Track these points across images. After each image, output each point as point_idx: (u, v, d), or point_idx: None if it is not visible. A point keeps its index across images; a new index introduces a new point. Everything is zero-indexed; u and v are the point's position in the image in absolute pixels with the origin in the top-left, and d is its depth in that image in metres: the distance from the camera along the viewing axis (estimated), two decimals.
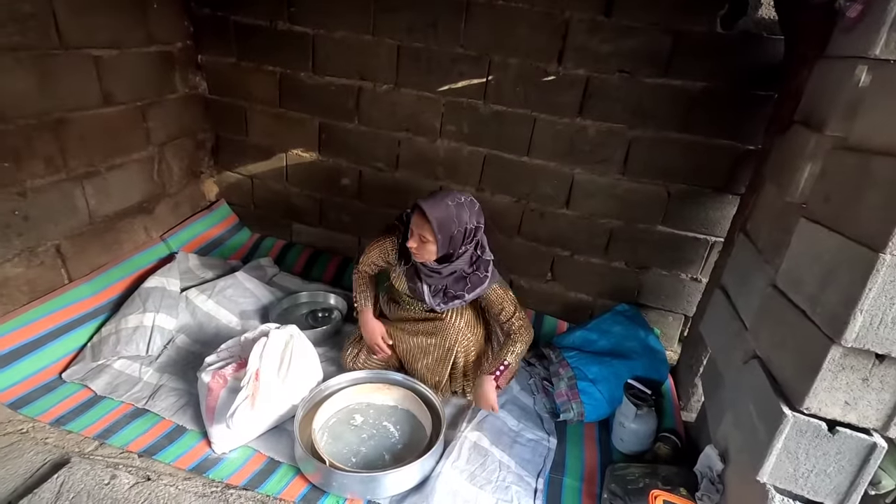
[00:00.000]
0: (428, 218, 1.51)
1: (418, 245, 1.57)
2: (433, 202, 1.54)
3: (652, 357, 1.99)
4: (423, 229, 1.55)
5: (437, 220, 1.51)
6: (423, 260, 1.62)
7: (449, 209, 1.54)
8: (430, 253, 1.58)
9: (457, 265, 1.63)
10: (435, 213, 1.51)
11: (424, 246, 1.57)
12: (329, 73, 2.26)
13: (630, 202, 2.11)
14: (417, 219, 1.56)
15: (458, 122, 2.18)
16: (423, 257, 1.61)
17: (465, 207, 1.58)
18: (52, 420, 1.56)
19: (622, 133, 2.01)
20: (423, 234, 1.55)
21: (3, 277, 1.66)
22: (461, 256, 1.62)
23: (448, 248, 1.58)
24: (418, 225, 1.56)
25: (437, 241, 1.54)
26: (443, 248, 1.56)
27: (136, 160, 2.13)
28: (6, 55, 1.55)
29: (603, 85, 1.95)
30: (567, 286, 2.35)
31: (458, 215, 1.55)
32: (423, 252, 1.59)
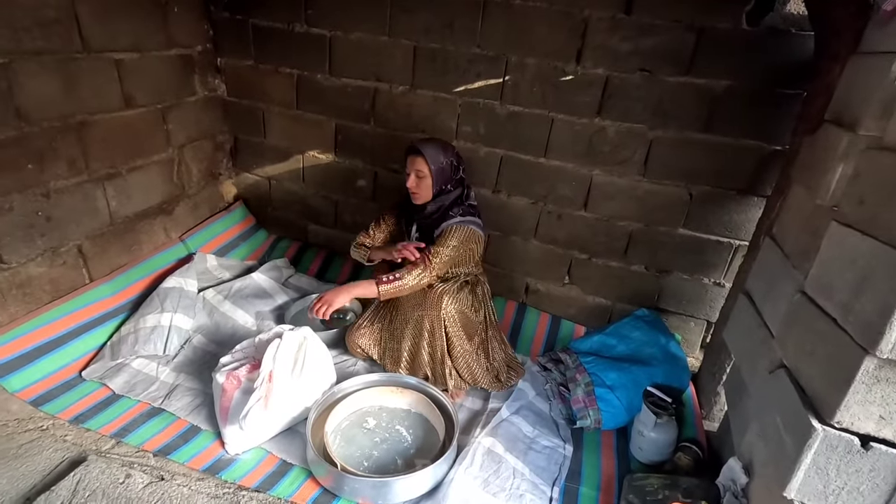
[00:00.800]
0: (421, 151, 1.73)
1: (416, 183, 1.77)
2: (422, 141, 1.79)
3: (673, 364, 1.93)
4: (417, 164, 1.76)
5: (430, 153, 1.74)
6: (422, 200, 1.81)
7: (437, 145, 1.80)
8: (427, 188, 1.78)
9: (443, 200, 1.81)
10: (426, 147, 1.75)
11: (422, 182, 1.77)
12: (345, 74, 2.26)
13: (650, 204, 2.05)
14: (412, 158, 1.77)
15: (475, 123, 2.16)
16: (422, 195, 1.80)
17: (449, 148, 1.84)
18: (72, 418, 1.59)
19: (642, 133, 1.96)
20: (420, 169, 1.76)
21: (26, 277, 1.70)
22: (449, 193, 1.81)
23: (441, 181, 1.78)
24: (413, 162, 1.77)
25: (432, 173, 1.74)
26: (437, 182, 1.77)
27: (157, 162, 2.16)
28: (31, 59, 1.59)
29: (623, 84, 1.91)
30: (585, 290, 2.31)
31: (444, 151, 1.79)
32: (421, 188, 1.78)
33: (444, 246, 1.76)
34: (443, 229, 1.78)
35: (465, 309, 1.80)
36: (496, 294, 2.42)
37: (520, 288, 2.42)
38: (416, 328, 1.80)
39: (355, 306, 2.29)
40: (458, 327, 1.78)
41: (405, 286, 1.73)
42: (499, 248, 2.36)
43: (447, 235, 1.77)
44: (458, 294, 1.79)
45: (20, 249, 1.67)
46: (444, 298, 1.74)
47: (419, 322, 1.78)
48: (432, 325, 1.77)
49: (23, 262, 1.68)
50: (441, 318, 1.74)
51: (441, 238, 1.77)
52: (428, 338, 1.79)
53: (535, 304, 2.41)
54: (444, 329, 1.76)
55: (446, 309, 1.74)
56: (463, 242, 1.78)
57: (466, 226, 1.79)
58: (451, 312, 1.75)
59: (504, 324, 2.33)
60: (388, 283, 1.72)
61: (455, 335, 1.77)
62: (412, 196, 1.82)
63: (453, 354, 1.80)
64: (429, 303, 1.76)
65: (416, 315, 1.78)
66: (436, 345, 1.79)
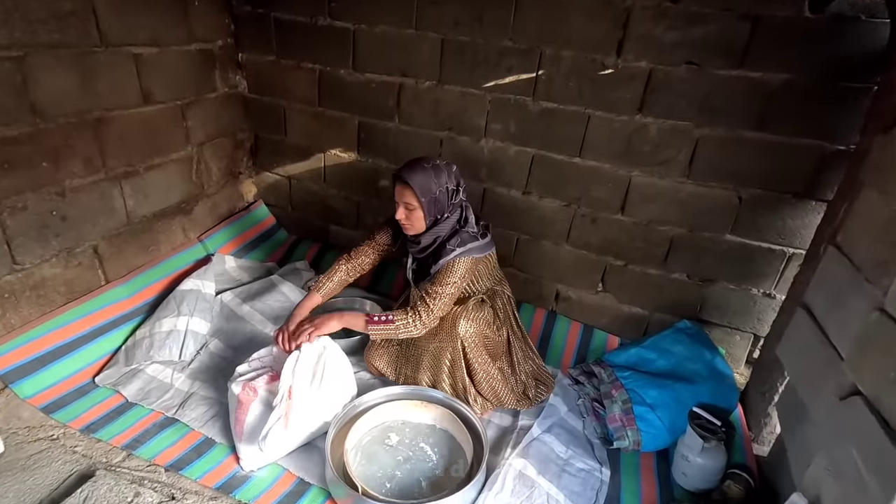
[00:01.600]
0: (408, 183, 1.51)
1: (406, 215, 1.57)
2: (410, 168, 1.55)
3: (719, 382, 1.78)
4: (406, 196, 1.54)
5: (418, 184, 1.51)
6: (414, 231, 1.61)
7: (427, 171, 1.54)
8: (419, 220, 1.57)
9: (439, 230, 1.60)
10: (414, 176, 1.52)
11: (412, 214, 1.56)
12: (369, 69, 2.16)
13: (695, 208, 1.90)
14: (399, 188, 1.55)
15: (505, 121, 2.04)
16: (415, 227, 1.59)
17: (442, 169, 1.57)
18: (83, 427, 1.52)
19: (688, 132, 1.81)
20: (408, 202, 1.54)
21: (40, 278, 1.64)
22: (446, 221, 1.60)
23: (435, 212, 1.57)
24: (401, 193, 1.55)
25: (423, 205, 1.53)
26: (430, 214, 1.56)
27: (175, 160, 2.10)
28: (47, 53, 1.53)
29: (667, 78, 1.77)
30: (620, 298, 2.17)
31: (436, 176, 1.54)
32: (412, 221, 1.58)
33: (442, 285, 1.55)
34: (440, 266, 1.58)
35: (486, 329, 1.67)
36: (523, 301, 2.30)
37: (549, 295, 2.29)
38: (433, 360, 1.68)
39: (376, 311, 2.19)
40: (480, 351, 1.65)
41: (396, 332, 1.56)
42: (527, 253, 2.23)
43: (445, 273, 1.57)
44: (477, 313, 1.65)
45: (34, 250, 1.61)
46: (460, 322, 1.60)
47: (437, 355, 1.66)
48: (452, 357, 1.64)
49: (37, 262, 1.63)
50: (459, 347, 1.62)
51: (439, 276, 1.57)
52: (448, 370, 1.68)
53: (566, 312, 2.28)
54: (465, 356, 1.64)
55: (464, 334, 1.61)
56: (464, 276, 1.60)
57: (464, 258, 1.58)
58: (469, 336, 1.61)
59: (532, 333, 2.20)
60: (377, 323, 1.55)
61: (476, 360, 1.65)
62: (403, 228, 1.63)
63: (476, 380, 1.68)
64: (444, 331, 1.62)
65: (432, 346, 1.66)
66: (456, 375, 1.67)
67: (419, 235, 1.61)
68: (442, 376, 1.68)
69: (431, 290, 1.57)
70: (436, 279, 1.59)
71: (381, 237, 1.78)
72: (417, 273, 1.71)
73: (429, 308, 1.56)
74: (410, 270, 1.71)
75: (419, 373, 1.72)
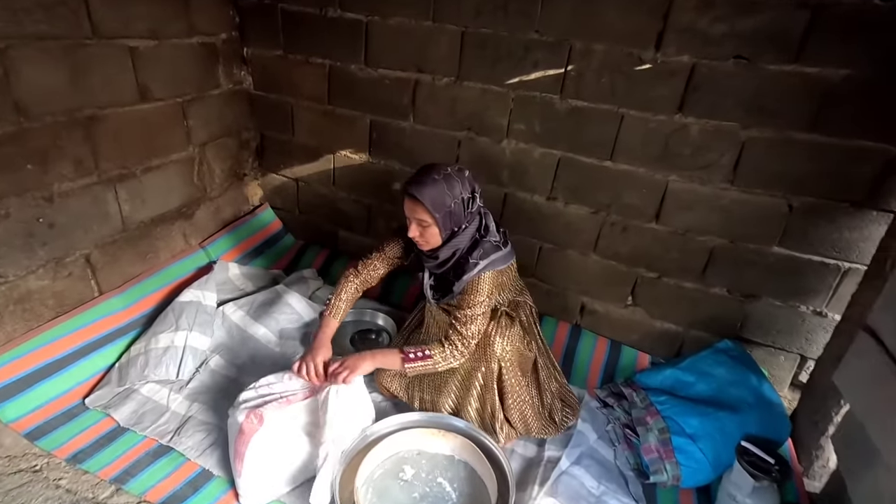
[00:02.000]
0: (419, 199, 1.35)
1: (420, 232, 1.42)
2: (419, 182, 1.38)
3: (768, 410, 1.61)
4: (418, 213, 1.39)
5: (430, 198, 1.36)
6: (430, 248, 1.46)
7: (438, 183, 1.37)
8: (435, 236, 1.43)
9: (458, 243, 1.45)
10: (425, 191, 1.36)
11: (427, 231, 1.42)
12: (383, 65, 2.01)
13: (738, 217, 1.73)
14: (409, 204, 1.40)
15: (529, 120, 1.88)
16: (430, 243, 1.45)
17: (455, 178, 1.40)
18: (69, 456, 1.39)
19: (733, 133, 1.64)
20: (421, 219, 1.39)
21: (25, 291, 1.51)
22: (464, 232, 1.44)
23: (451, 225, 1.42)
24: (412, 210, 1.40)
25: (437, 221, 1.38)
26: (445, 228, 1.41)
27: (175, 161, 1.96)
28: (31, 45, 1.40)
29: (712, 74, 1.60)
30: (651, 313, 2.00)
31: (449, 188, 1.38)
32: (427, 238, 1.43)
33: (471, 306, 1.42)
34: (464, 284, 1.45)
35: (520, 344, 1.52)
36: (545, 314, 2.15)
37: (574, 308, 2.13)
38: (462, 383, 1.54)
39: (389, 325, 2.05)
40: (515, 371, 1.50)
41: (436, 367, 1.44)
42: (551, 263, 2.08)
43: (471, 293, 1.43)
44: (511, 329, 1.49)
45: (18, 261, 1.48)
46: (496, 341, 1.45)
47: (469, 376, 1.52)
48: (484, 380, 1.50)
49: (21, 274, 1.49)
50: (494, 367, 1.47)
51: (465, 297, 1.43)
52: (478, 393, 1.53)
53: (592, 326, 2.12)
54: (500, 377, 1.49)
55: (501, 353, 1.46)
56: (491, 292, 1.46)
57: (490, 271, 1.44)
58: (507, 356, 1.47)
59: (555, 349, 2.04)
60: (415, 361, 1.42)
61: (510, 381, 1.50)
62: (417, 244, 1.47)
63: (506, 404, 1.53)
64: (478, 351, 1.47)
65: (462, 368, 1.51)
66: (486, 399, 1.52)
67: (436, 250, 1.46)
68: (469, 400, 1.53)
69: (461, 314, 1.43)
70: (463, 301, 1.44)
71: (392, 249, 1.62)
72: (436, 289, 1.56)
73: (462, 336, 1.42)
74: (429, 287, 1.56)
75: (441, 397, 1.57)
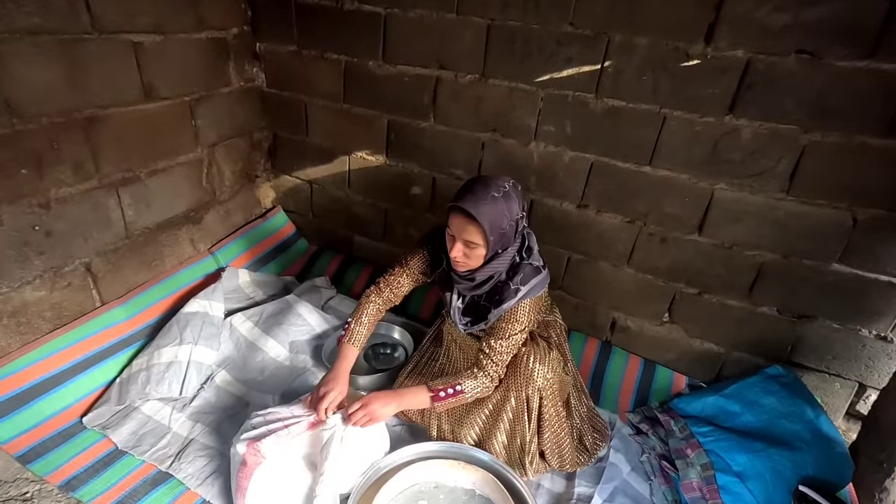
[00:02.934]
0: (476, 220, 1.18)
1: (465, 253, 1.25)
2: (476, 199, 1.20)
3: (826, 449, 1.45)
4: (469, 233, 1.21)
5: (489, 220, 1.19)
6: (468, 269, 1.30)
7: (498, 203, 1.21)
8: (479, 259, 1.27)
9: (498, 265, 1.29)
10: (483, 211, 1.18)
11: (473, 252, 1.25)
12: (402, 61, 1.87)
13: (794, 230, 1.56)
14: (460, 222, 1.22)
15: (560, 122, 1.72)
16: (471, 265, 1.28)
17: (513, 197, 1.25)
18: (62, 482, 1.29)
19: (792, 137, 1.47)
20: (471, 240, 1.22)
21: (20, 303, 1.42)
22: (505, 254, 1.29)
23: (499, 246, 1.27)
24: (462, 229, 1.22)
25: (489, 244, 1.22)
26: (493, 249, 1.26)
27: (183, 164, 1.86)
28: (23, 40, 1.29)
29: (770, 71, 1.42)
30: (690, 332, 1.84)
31: (508, 208, 1.23)
32: (471, 259, 1.27)
33: (506, 337, 1.29)
34: (502, 313, 1.30)
35: (560, 370, 1.38)
36: (573, 328, 2.00)
37: (604, 324, 1.97)
38: (492, 415, 1.40)
39: (406, 340, 1.92)
40: (556, 399, 1.36)
41: (466, 400, 1.33)
42: (580, 275, 1.92)
43: (510, 321, 1.29)
44: (550, 355, 1.35)
45: (12, 271, 1.39)
46: (537, 369, 1.31)
47: (499, 408, 1.38)
48: (518, 410, 1.36)
49: (16, 285, 1.40)
50: (535, 398, 1.33)
51: (501, 326, 1.30)
52: (508, 427, 1.39)
53: (624, 344, 1.96)
54: (539, 407, 1.35)
55: (543, 384, 1.32)
56: (530, 320, 1.32)
57: (530, 297, 1.30)
58: (549, 384, 1.33)
59: (583, 367, 1.90)
60: (445, 399, 1.31)
61: (550, 412, 1.36)
62: (454, 264, 1.31)
63: (543, 437, 1.39)
64: (518, 375, 1.33)
65: (496, 395, 1.38)
66: (516, 431, 1.39)
67: (474, 271, 1.30)
68: (496, 433, 1.40)
69: (497, 344, 1.29)
70: (498, 330, 1.30)
71: (417, 263, 1.46)
72: (467, 314, 1.41)
73: (497, 366, 1.31)
74: (457, 310, 1.41)
75: (463, 428, 1.44)
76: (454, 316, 1.41)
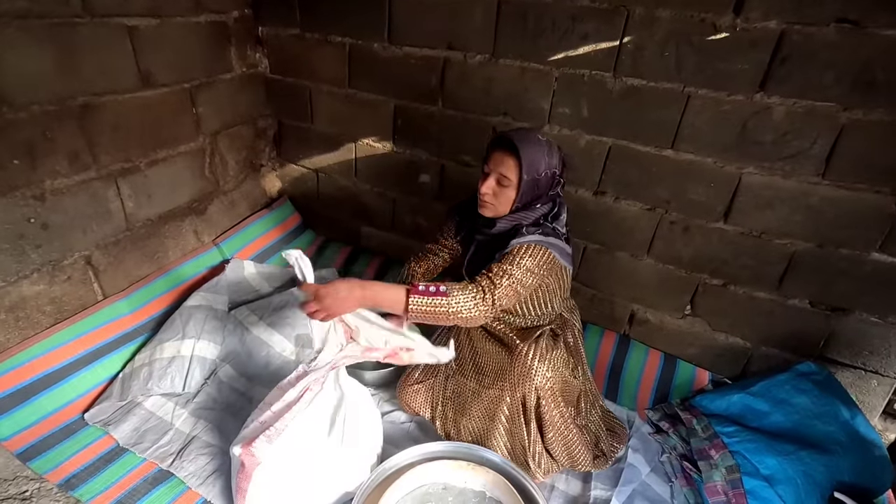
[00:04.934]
0: (518, 152, 1.17)
1: (494, 191, 1.23)
2: (522, 136, 1.20)
3: (863, 453, 1.35)
4: (506, 167, 1.20)
5: (529, 156, 1.18)
6: (492, 214, 1.27)
7: (541, 146, 1.21)
8: (507, 202, 1.24)
9: (522, 218, 1.26)
10: (526, 146, 1.18)
11: (503, 191, 1.22)
12: (408, 41, 1.78)
13: (830, 216, 1.45)
14: (501, 156, 1.21)
15: (576, 103, 1.62)
16: (497, 209, 1.25)
17: (555, 148, 1.26)
18: (62, 480, 1.27)
19: (830, 115, 1.35)
20: (505, 175, 1.20)
21: (18, 298, 1.39)
22: (533, 210, 1.26)
23: (529, 197, 1.24)
24: (500, 162, 1.21)
25: (521, 185, 1.20)
26: (522, 197, 1.23)
27: (184, 153, 1.81)
28: (11, 25, 1.23)
29: (807, 43, 1.30)
30: (714, 325, 1.74)
31: (549, 154, 1.22)
32: (498, 200, 1.24)
33: (510, 264, 1.18)
34: (511, 247, 1.22)
35: (564, 370, 1.30)
36: (588, 321, 1.91)
37: (622, 316, 1.88)
38: (487, 410, 1.33)
39: None
40: (558, 401, 1.28)
41: (447, 311, 1.13)
42: (597, 265, 1.83)
43: (517, 254, 1.19)
44: (553, 353, 1.27)
45: (8, 265, 1.35)
46: (535, 366, 1.23)
47: (493, 405, 1.31)
48: (514, 410, 1.28)
49: (12, 280, 1.37)
50: (531, 398, 1.25)
51: (508, 257, 1.20)
52: (507, 422, 1.32)
53: (643, 337, 1.87)
54: (537, 409, 1.27)
55: (542, 383, 1.24)
56: (539, 268, 1.20)
57: (544, 248, 1.21)
58: (549, 384, 1.25)
59: (599, 361, 1.82)
60: (423, 295, 1.11)
61: (551, 413, 1.28)
62: (481, 205, 1.26)
63: (547, 437, 1.31)
64: (513, 375, 1.25)
65: (490, 392, 1.31)
66: (514, 433, 1.32)
67: (496, 219, 1.26)
68: (495, 433, 1.33)
69: (497, 267, 1.19)
70: (503, 258, 1.21)
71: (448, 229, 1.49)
72: (475, 262, 1.34)
73: (493, 284, 1.16)
74: (467, 261, 1.36)
75: (463, 418, 1.38)
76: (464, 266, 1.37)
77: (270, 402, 1.25)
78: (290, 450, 1.17)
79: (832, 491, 1.27)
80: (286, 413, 1.16)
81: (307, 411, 1.18)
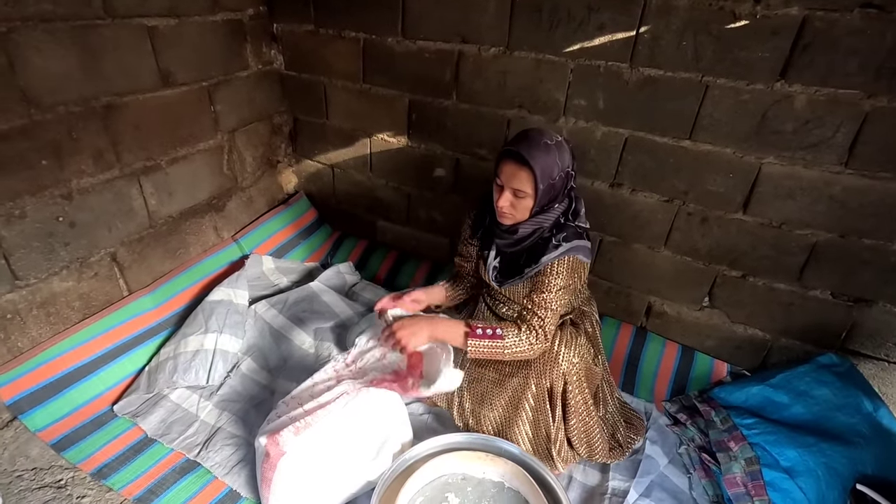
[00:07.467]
0: (529, 165, 1.15)
1: (512, 203, 1.21)
2: (528, 144, 1.18)
3: (887, 444, 1.33)
4: (519, 181, 1.18)
5: (542, 166, 1.16)
6: (512, 221, 1.26)
7: (550, 150, 1.18)
8: (525, 210, 1.23)
9: (542, 221, 1.25)
10: (537, 156, 1.15)
11: (520, 203, 1.21)
12: (422, 36, 1.79)
13: (853, 206, 1.42)
14: (512, 169, 1.19)
15: (592, 95, 1.61)
16: (516, 217, 1.24)
17: (565, 148, 1.22)
18: (94, 469, 1.32)
19: (853, 103, 1.32)
20: (520, 188, 1.18)
21: (49, 294, 1.43)
22: (552, 210, 1.25)
23: (546, 201, 1.23)
24: (513, 176, 1.19)
25: (538, 194, 1.18)
26: (541, 202, 1.22)
27: (203, 150, 1.84)
28: (37, 28, 1.27)
29: (830, 29, 1.28)
30: (733, 317, 1.73)
31: (560, 157, 1.20)
32: (517, 210, 1.23)
33: (547, 291, 1.21)
34: (542, 267, 1.23)
35: (588, 358, 1.31)
36: (605, 314, 1.91)
37: (639, 309, 1.88)
38: (511, 401, 1.34)
39: None
40: (583, 388, 1.29)
41: (503, 352, 1.21)
42: (613, 258, 1.83)
43: (550, 275, 1.22)
44: (577, 340, 1.29)
45: (39, 263, 1.39)
46: (563, 353, 1.25)
47: (518, 394, 1.31)
48: (540, 398, 1.29)
49: (43, 277, 1.41)
50: (559, 384, 1.26)
51: (541, 281, 1.22)
52: (531, 416, 1.33)
53: (660, 330, 1.87)
54: (563, 395, 1.28)
55: (568, 369, 1.25)
56: (568, 280, 1.23)
57: (571, 255, 1.23)
58: (575, 370, 1.26)
59: (615, 354, 1.81)
60: (482, 337, 1.20)
61: (576, 399, 1.29)
62: (499, 216, 1.27)
63: (569, 424, 1.32)
64: (541, 359, 1.27)
65: (514, 381, 1.31)
66: (540, 421, 1.33)
67: (517, 224, 1.25)
68: (518, 422, 1.34)
69: (538, 298, 1.21)
70: (538, 284, 1.22)
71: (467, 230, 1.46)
72: (503, 273, 1.34)
73: (542, 321, 1.20)
74: (493, 269, 1.34)
75: (483, 409, 1.39)
76: (490, 275, 1.35)
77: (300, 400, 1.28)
78: (317, 443, 1.20)
79: (855, 483, 1.26)
80: (318, 410, 1.19)
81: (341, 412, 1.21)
